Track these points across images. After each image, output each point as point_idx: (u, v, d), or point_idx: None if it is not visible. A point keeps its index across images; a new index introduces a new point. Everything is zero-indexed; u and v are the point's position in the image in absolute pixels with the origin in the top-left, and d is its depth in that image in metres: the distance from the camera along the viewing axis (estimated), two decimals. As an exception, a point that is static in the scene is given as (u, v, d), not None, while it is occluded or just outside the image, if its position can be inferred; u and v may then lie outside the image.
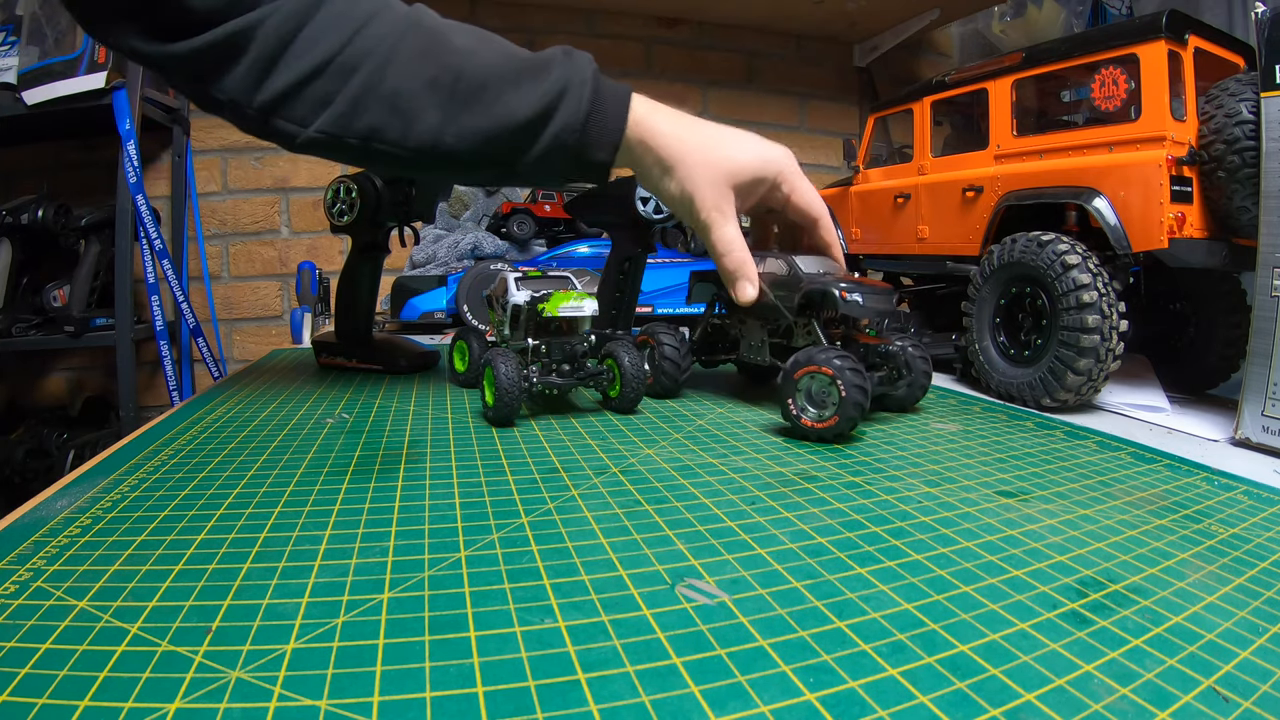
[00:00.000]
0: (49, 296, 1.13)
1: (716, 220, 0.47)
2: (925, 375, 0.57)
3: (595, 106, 0.44)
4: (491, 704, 0.20)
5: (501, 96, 0.42)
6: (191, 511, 0.33)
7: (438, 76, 0.41)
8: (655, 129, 0.46)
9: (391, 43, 0.41)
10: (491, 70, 0.43)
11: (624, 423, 0.53)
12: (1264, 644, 0.25)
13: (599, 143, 0.45)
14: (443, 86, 0.41)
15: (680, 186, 0.46)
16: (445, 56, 0.42)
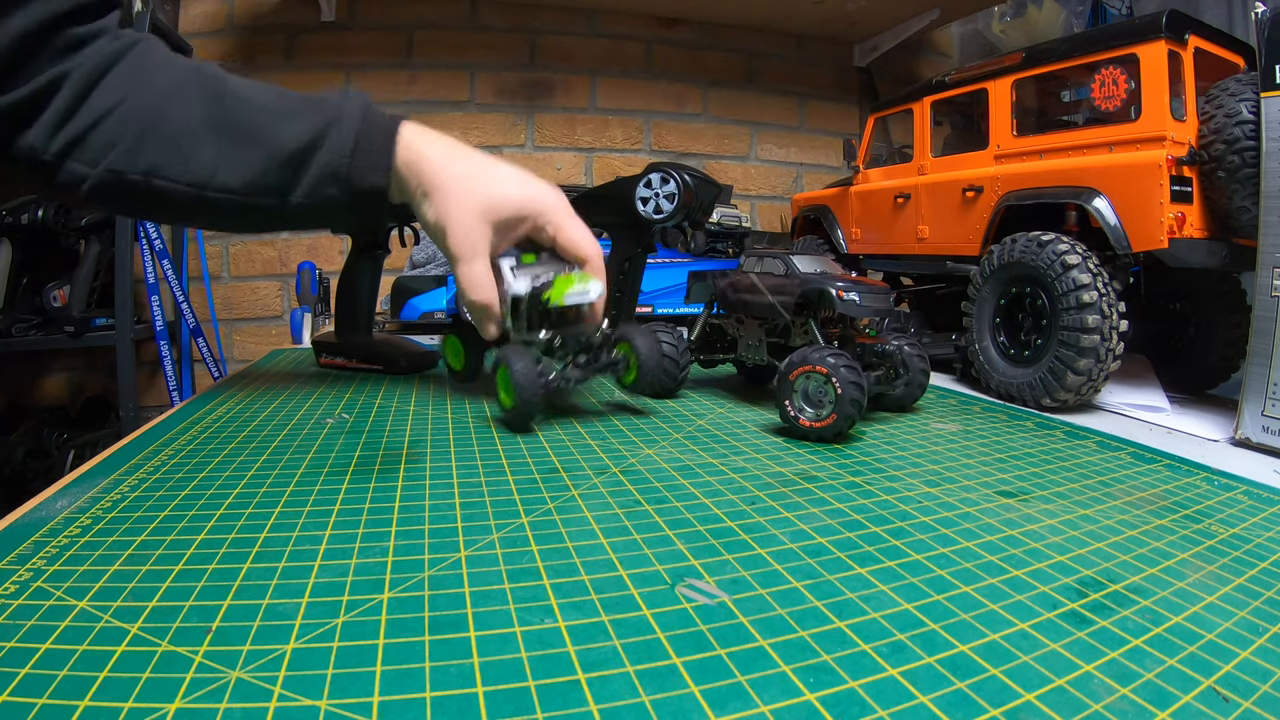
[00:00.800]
0: (49, 296, 1.13)
1: (464, 254, 0.46)
2: (923, 374, 0.57)
3: (364, 132, 0.45)
4: (491, 704, 0.20)
5: (273, 130, 0.44)
6: (191, 511, 0.33)
7: (214, 115, 0.43)
8: (423, 153, 0.46)
9: (174, 87, 0.43)
10: (265, 108, 0.45)
11: (624, 422, 0.53)
12: (1264, 644, 0.25)
13: (369, 167, 0.45)
14: (219, 125, 0.43)
15: (436, 213, 0.46)
16: (224, 98, 0.44)
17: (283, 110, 0.45)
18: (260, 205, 0.44)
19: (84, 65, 0.42)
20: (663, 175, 0.62)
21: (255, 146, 0.43)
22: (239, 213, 0.45)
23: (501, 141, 1.52)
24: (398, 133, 0.46)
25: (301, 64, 1.43)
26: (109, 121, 0.42)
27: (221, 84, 0.45)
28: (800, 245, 1.05)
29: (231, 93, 0.45)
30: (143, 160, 0.42)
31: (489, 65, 1.50)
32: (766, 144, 1.65)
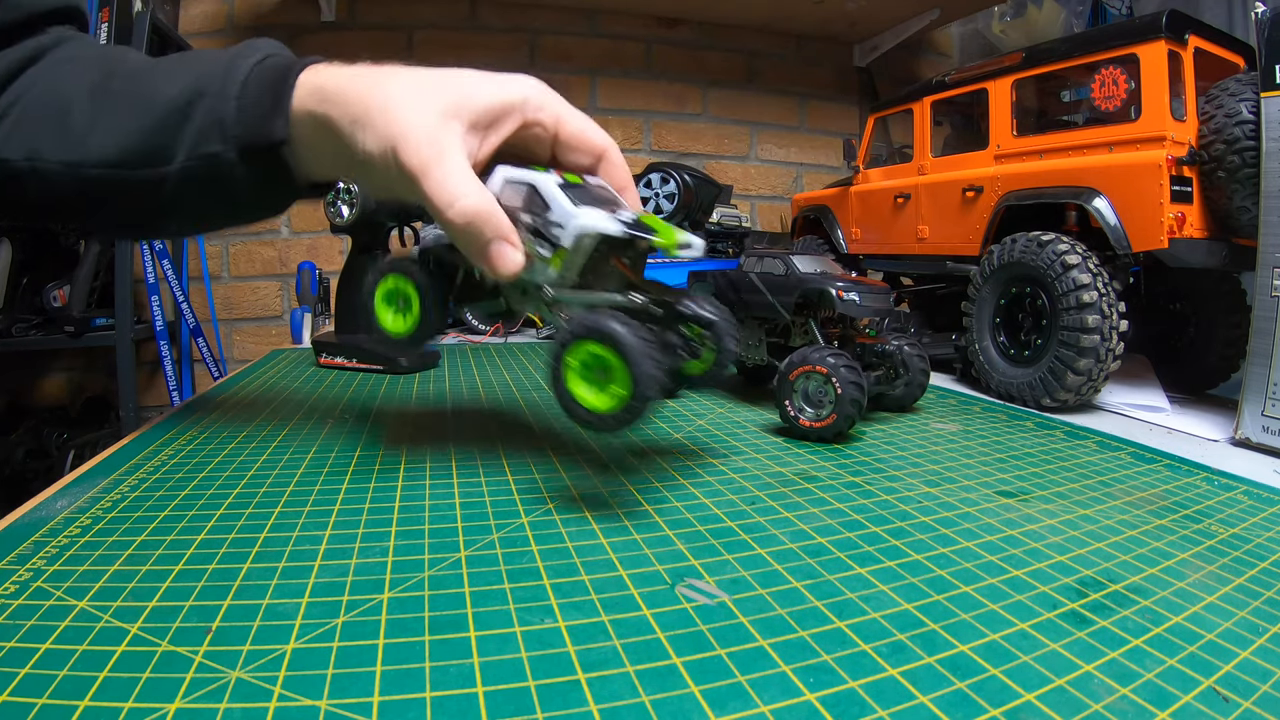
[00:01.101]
0: (49, 296, 1.13)
1: (431, 158, 0.33)
2: (923, 374, 0.57)
3: (256, 73, 0.36)
4: (491, 704, 0.20)
5: (156, 86, 0.36)
6: (191, 511, 0.33)
7: (100, 84, 0.37)
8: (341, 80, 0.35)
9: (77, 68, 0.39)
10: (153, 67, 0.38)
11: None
12: (1264, 644, 0.25)
13: (260, 110, 0.35)
14: (101, 91, 0.37)
15: (379, 134, 0.33)
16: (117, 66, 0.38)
17: (171, 66, 0.38)
18: (141, 179, 0.36)
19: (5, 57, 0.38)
20: (663, 175, 0.62)
21: (135, 106, 0.36)
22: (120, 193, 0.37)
23: (501, 141, 1.52)
24: (301, 69, 0.36)
25: (301, 64, 1.43)
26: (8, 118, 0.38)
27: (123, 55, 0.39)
28: (800, 245, 1.05)
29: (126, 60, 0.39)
30: (26, 144, 0.37)
31: (489, 65, 1.48)
32: (766, 144, 1.65)
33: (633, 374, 0.31)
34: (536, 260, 0.35)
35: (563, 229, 0.34)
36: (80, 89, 0.37)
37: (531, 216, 0.35)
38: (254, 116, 0.35)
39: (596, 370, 0.32)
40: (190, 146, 0.36)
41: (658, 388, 0.31)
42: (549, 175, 0.35)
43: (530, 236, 0.35)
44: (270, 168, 0.36)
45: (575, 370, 0.32)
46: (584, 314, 0.32)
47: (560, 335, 0.32)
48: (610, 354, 0.31)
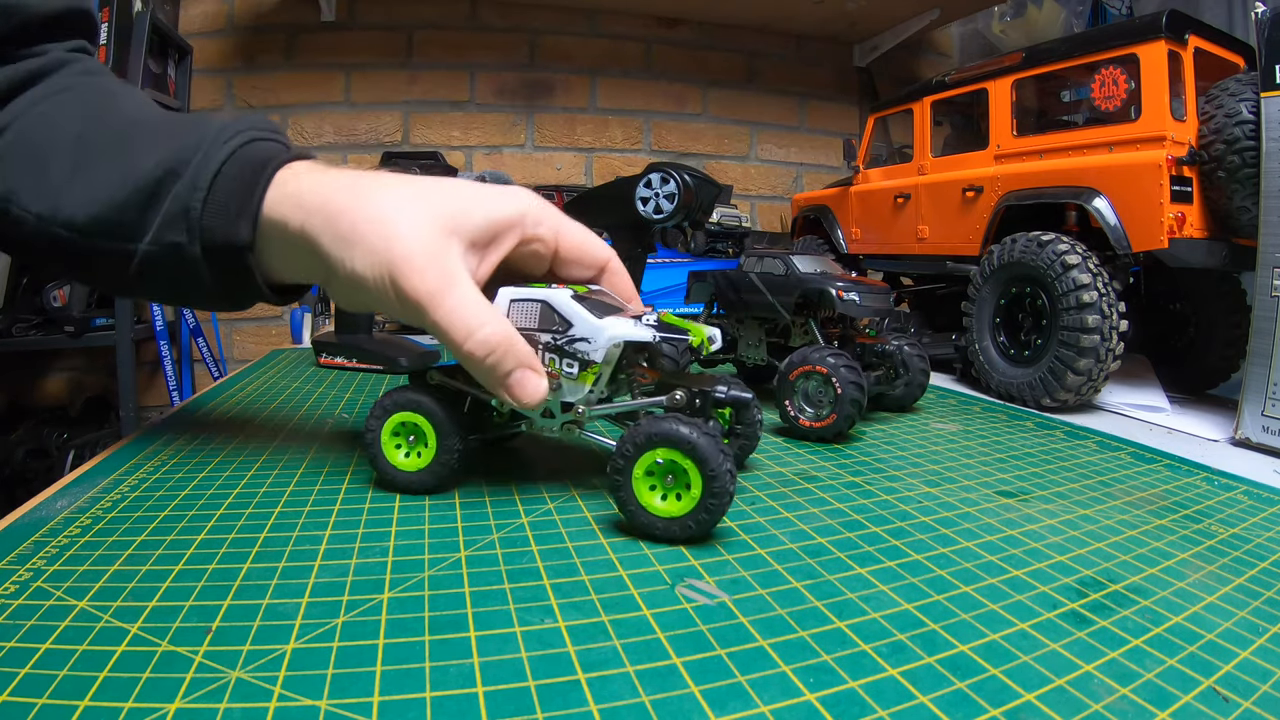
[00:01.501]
0: (49, 296, 1.13)
1: (439, 287, 0.31)
2: (923, 374, 0.57)
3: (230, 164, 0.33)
4: (491, 704, 0.20)
5: (135, 150, 0.34)
6: (191, 511, 0.33)
7: (82, 132, 0.36)
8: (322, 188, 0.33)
9: (66, 100, 0.37)
10: (138, 123, 0.36)
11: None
12: (1264, 644, 0.25)
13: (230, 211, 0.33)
14: (82, 141, 0.35)
15: (372, 257, 0.31)
16: (104, 112, 0.37)
17: (155, 127, 0.36)
18: (109, 250, 0.34)
19: None
20: (663, 175, 0.62)
21: (111, 172, 0.34)
22: (91, 258, 0.35)
23: (501, 141, 1.52)
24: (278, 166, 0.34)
25: (301, 64, 1.43)
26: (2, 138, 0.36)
27: (113, 100, 0.37)
28: (800, 245, 1.05)
29: (116, 108, 0.37)
30: (5, 182, 0.35)
31: (489, 65, 1.50)
32: (766, 144, 1.65)
33: (706, 473, 0.30)
34: (563, 380, 0.34)
35: (590, 343, 0.34)
36: (66, 135, 0.36)
37: (552, 335, 0.34)
38: (220, 215, 0.33)
39: (664, 477, 0.31)
40: (156, 231, 0.34)
41: (731, 480, 0.30)
42: (558, 290, 0.35)
43: (553, 356, 0.34)
44: (233, 267, 0.34)
45: (641, 481, 0.31)
46: (645, 423, 0.31)
47: (621, 449, 0.31)
48: (680, 457, 0.30)
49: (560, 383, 0.35)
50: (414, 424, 0.36)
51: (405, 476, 0.36)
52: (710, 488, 0.30)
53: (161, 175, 0.34)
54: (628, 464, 0.31)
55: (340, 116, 1.45)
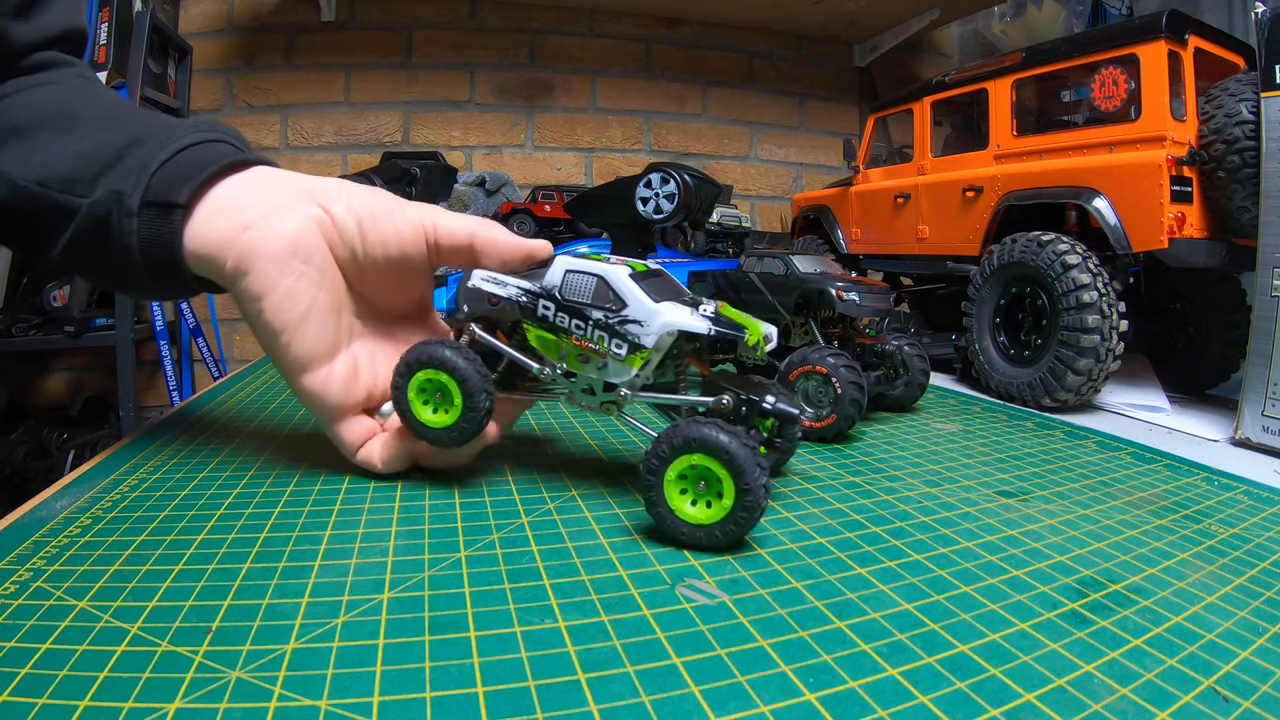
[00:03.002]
0: (49, 296, 1.13)
1: None
2: (923, 374, 0.57)
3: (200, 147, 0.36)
4: (491, 704, 0.20)
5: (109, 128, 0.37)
6: (191, 511, 0.33)
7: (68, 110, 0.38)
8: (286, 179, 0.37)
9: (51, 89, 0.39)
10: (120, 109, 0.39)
11: (624, 423, 0.53)
12: (1264, 644, 0.25)
13: (179, 175, 0.35)
14: (68, 117, 0.37)
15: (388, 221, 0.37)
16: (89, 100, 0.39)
17: (132, 114, 0.39)
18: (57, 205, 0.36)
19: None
20: (663, 175, 0.62)
21: (84, 138, 0.36)
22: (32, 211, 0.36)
23: (501, 141, 1.52)
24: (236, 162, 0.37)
25: (301, 64, 1.43)
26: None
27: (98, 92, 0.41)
28: (800, 245, 1.05)
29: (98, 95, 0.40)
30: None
31: (489, 65, 1.50)
32: (766, 144, 1.65)
33: (740, 486, 0.29)
34: (610, 360, 0.34)
35: (643, 326, 0.33)
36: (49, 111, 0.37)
37: (604, 313, 0.33)
38: (167, 179, 0.35)
39: (696, 482, 0.30)
40: (105, 182, 0.35)
41: (765, 493, 0.29)
42: (617, 266, 0.34)
43: (603, 334, 0.34)
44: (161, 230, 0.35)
45: (673, 483, 0.31)
46: (684, 425, 0.30)
47: (655, 450, 0.31)
48: (717, 465, 0.29)
49: (606, 362, 0.34)
50: (439, 382, 0.35)
51: (432, 432, 0.35)
52: (743, 500, 0.29)
53: (127, 144, 0.36)
54: (662, 465, 0.30)
55: (340, 116, 1.45)
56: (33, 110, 0.38)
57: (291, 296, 0.35)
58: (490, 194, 1.40)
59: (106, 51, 1.07)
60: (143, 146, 0.36)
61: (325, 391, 0.36)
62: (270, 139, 1.44)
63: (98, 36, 1.07)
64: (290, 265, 0.35)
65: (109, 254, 0.36)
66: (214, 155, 0.37)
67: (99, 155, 0.36)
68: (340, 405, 0.37)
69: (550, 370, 0.36)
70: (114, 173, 0.35)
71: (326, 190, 0.37)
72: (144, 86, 1.14)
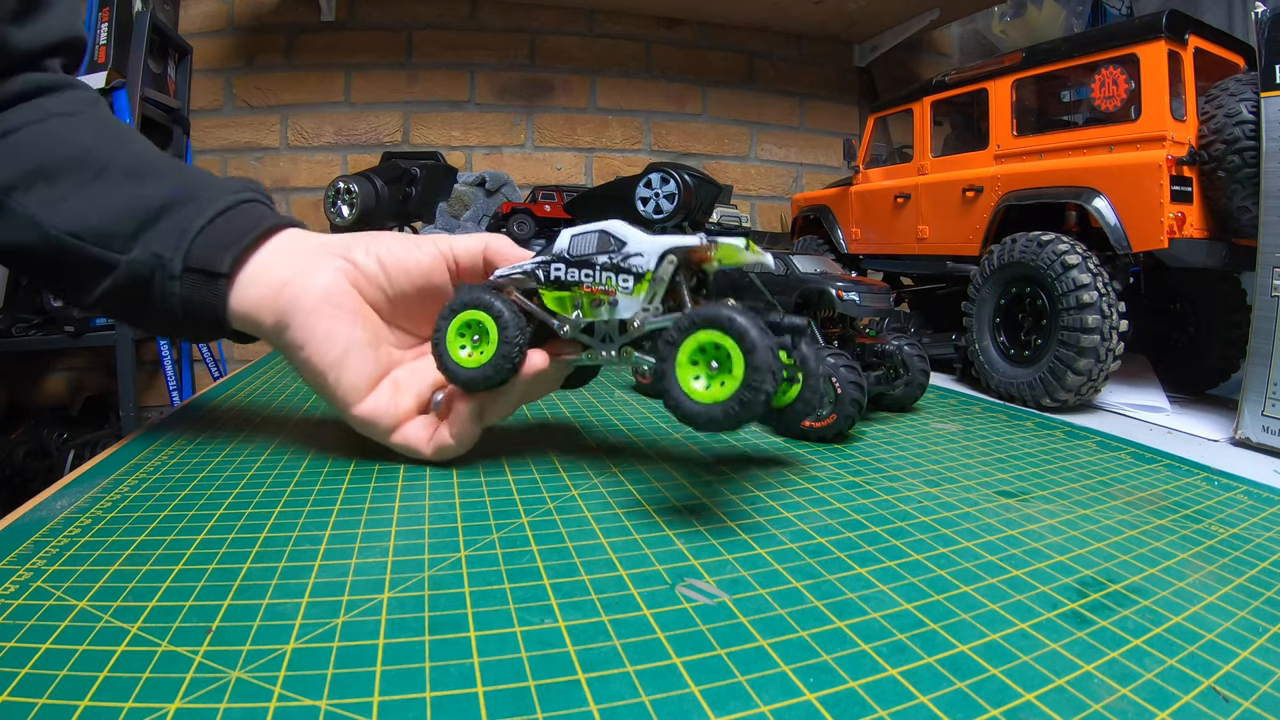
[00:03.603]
0: (49, 296, 1.13)
1: None
2: (923, 374, 0.57)
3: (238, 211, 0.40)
4: (491, 704, 0.20)
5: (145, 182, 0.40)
6: (191, 511, 0.33)
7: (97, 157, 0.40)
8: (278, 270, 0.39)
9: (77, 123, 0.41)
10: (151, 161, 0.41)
11: (624, 422, 0.53)
12: (1264, 644, 0.25)
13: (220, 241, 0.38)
14: (97, 165, 0.39)
15: None
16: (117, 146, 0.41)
17: (164, 168, 0.41)
18: (93, 257, 0.38)
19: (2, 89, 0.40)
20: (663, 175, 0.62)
21: (119, 192, 0.39)
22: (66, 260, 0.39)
23: (501, 141, 1.52)
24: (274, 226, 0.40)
25: (301, 64, 1.43)
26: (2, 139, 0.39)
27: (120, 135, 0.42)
28: (800, 245, 1.05)
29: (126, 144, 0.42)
30: (5, 177, 0.38)
31: (489, 65, 1.50)
32: (766, 144, 1.65)
33: (749, 361, 0.29)
34: (619, 296, 0.36)
35: (643, 255, 0.35)
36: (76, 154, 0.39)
37: (608, 256, 0.36)
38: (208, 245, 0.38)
39: (709, 363, 0.31)
40: (144, 244, 0.38)
41: (772, 380, 0.29)
42: (615, 220, 0.36)
43: (609, 274, 0.36)
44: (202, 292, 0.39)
45: (685, 365, 0.31)
46: (695, 310, 0.31)
47: (668, 334, 0.31)
48: (726, 339, 0.30)
49: (617, 298, 0.36)
50: (479, 322, 0.37)
51: (466, 373, 0.37)
52: (750, 379, 0.29)
53: (164, 204, 0.39)
54: (672, 347, 0.31)
55: (340, 116, 1.45)
56: (56, 151, 0.39)
57: (330, 338, 0.38)
58: (490, 194, 1.40)
59: (106, 51, 1.07)
60: (180, 209, 0.39)
61: (376, 416, 0.39)
62: (270, 139, 1.44)
63: (98, 36, 1.08)
64: (325, 312, 0.38)
65: (149, 307, 0.39)
66: (250, 221, 0.40)
67: (133, 212, 0.38)
68: (393, 424, 0.40)
69: (569, 326, 0.38)
70: (152, 234, 0.38)
71: (346, 243, 0.41)
72: (144, 86, 1.14)
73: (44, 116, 0.40)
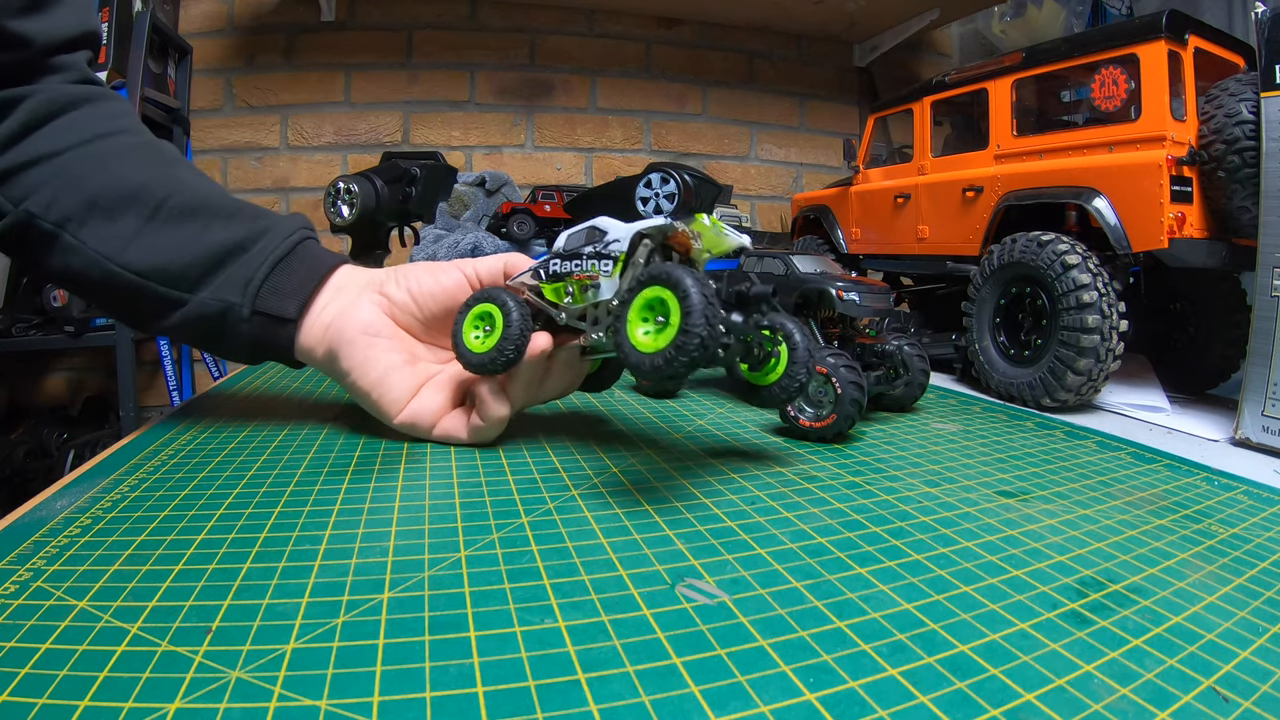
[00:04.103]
0: (49, 296, 1.13)
1: None
2: (923, 374, 0.57)
3: (296, 256, 0.44)
4: (491, 704, 0.20)
5: (205, 224, 0.42)
6: (191, 511, 0.33)
7: (150, 190, 0.42)
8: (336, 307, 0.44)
9: (122, 150, 0.43)
10: (205, 202, 0.43)
11: (624, 422, 0.53)
12: (1264, 644, 0.25)
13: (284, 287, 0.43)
14: (151, 201, 0.42)
15: None
16: (167, 178, 0.43)
17: (220, 208, 0.44)
18: (160, 295, 0.42)
19: (41, 96, 0.41)
20: (663, 175, 0.62)
21: (182, 234, 0.42)
22: (133, 296, 0.42)
23: (501, 141, 1.52)
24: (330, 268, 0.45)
25: (301, 64, 1.43)
26: (46, 165, 0.41)
27: (170, 166, 0.44)
28: (800, 245, 1.05)
29: (176, 176, 0.44)
30: (58, 210, 0.40)
31: (489, 65, 1.50)
32: (766, 144, 1.65)
33: (684, 307, 0.31)
34: (602, 280, 0.39)
35: (619, 241, 0.39)
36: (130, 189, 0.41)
37: (592, 246, 0.40)
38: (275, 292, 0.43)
39: (656, 317, 0.33)
40: (215, 289, 0.42)
41: (706, 326, 0.31)
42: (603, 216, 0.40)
43: (594, 262, 0.39)
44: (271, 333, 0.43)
45: (635, 320, 0.34)
46: (646, 268, 0.34)
47: (623, 294, 0.35)
48: (668, 293, 0.32)
49: (599, 281, 0.39)
50: (490, 313, 0.42)
51: (476, 357, 0.42)
52: (685, 324, 0.31)
53: (230, 248, 0.42)
54: (624, 305, 0.35)
55: (340, 116, 1.45)
56: (110, 184, 0.41)
57: (369, 363, 0.43)
58: (490, 194, 1.40)
59: (107, 51, 1.07)
60: (244, 255, 0.43)
61: (416, 420, 0.44)
62: (270, 139, 1.44)
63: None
64: (363, 342, 0.43)
65: (217, 339, 0.44)
66: (310, 265, 0.44)
67: (199, 256, 0.42)
68: (432, 423, 0.44)
69: (566, 315, 0.42)
70: (219, 280, 0.42)
71: (382, 279, 0.46)
72: (144, 86, 1.14)
73: (89, 138, 0.42)
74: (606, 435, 0.49)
